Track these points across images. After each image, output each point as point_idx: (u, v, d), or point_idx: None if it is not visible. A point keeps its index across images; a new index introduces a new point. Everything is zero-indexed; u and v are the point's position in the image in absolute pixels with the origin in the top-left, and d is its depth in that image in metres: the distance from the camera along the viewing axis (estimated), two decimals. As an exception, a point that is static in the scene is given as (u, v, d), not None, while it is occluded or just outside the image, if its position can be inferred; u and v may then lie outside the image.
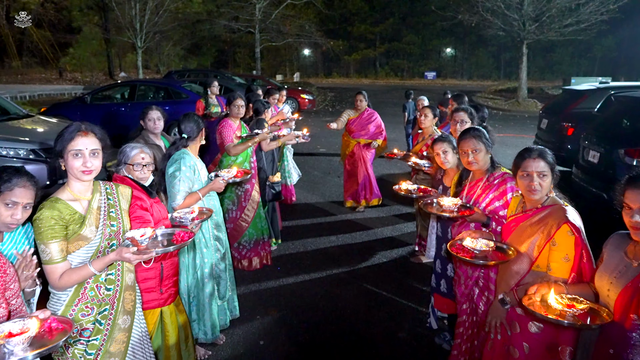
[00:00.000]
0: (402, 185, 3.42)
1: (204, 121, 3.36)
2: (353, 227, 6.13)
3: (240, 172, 3.64)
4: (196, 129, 3.26)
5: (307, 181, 8.31)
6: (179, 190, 3.08)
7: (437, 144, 3.30)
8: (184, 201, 3.10)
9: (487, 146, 2.73)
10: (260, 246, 4.80)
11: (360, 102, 6.52)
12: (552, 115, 9.02)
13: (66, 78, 28.13)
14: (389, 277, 4.74)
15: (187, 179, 3.14)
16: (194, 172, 3.22)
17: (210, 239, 3.43)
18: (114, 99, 11.60)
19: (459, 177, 2.98)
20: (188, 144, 3.25)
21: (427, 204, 2.89)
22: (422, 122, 4.81)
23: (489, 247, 2.26)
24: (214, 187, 3.33)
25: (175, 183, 3.07)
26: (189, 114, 3.30)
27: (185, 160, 3.16)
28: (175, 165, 3.11)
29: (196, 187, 3.23)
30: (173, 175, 3.09)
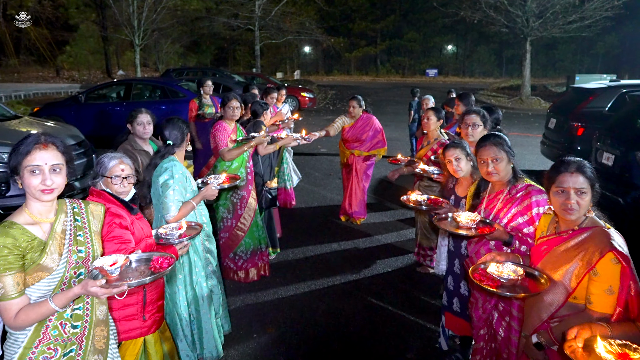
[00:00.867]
0: (410, 196, 3.12)
1: (187, 126, 3.09)
2: (355, 234, 5.84)
3: (228, 178, 3.35)
4: (181, 135, 2.99)
5: (307, 183, 8.02)
6: (174, 200, 2.82)
7: (449, 150, 3.01)
8: (179, 212, 2.82)
9: (509, 155, 2.44)
10: (257, 256, 4.51)
11: (354, 109, 5.81)
12: (560, 115, 8.70)
13: (63, 76, 27.82)
14: (394, 289, 4.46)
15: (181, 187, 2.88)
16: (186, 179, 2.95)
17: (202, 251, 3.15)
18: (109, 98, 11.29)
19: (476, 189, 2.68)
20: (174, 151, 2.98)
21: (440, 219, 2.60)
22: (426, 126, 4.51)
23: (517, 275, 1.97)
24: (207, 194, 3.06)
25: (168, 193, 2.80)
26: (172, 118, 3.03)
27: (177, 167, 2.89)
28: (166, 174, 2.84)
29: (188, 195, 2.97)
30: (165, 184, 2.82)
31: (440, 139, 4.49)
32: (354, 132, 5.88)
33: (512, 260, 2.13)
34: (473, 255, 2.57)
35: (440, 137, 4.52)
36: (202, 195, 3.04)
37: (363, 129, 5.87)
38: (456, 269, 3.09)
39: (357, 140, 5.88)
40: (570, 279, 1.88)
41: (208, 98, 6.79)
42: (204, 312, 3.15)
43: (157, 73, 28.56)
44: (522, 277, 1.98)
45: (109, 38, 27.29)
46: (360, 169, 5.95)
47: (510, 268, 2.02)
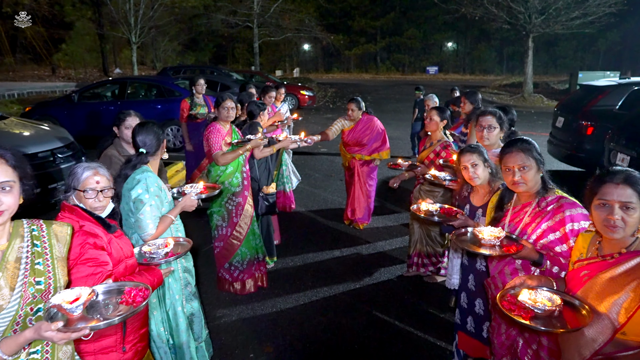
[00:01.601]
0: (421, 205, 2.83)
1: (163, 131, 2.78)
2: (358, 239, 5.56)
3: (205, 187, 3.07)
4: (156, 142, 2.68)
5: (307, 185, 7.73)
6: (151, 217, 2.52)
7: (465, 155, 2.72)
8: (157, 229, 2.54)
9: (538, 162, 2.16)
10: (254, 267, 4.23)
11: (352, 112, 5.48)
12: (568, 113, 8.41)
13: (59, 75, 27.46)
14: (400, 301, 4.18)
15: (158, 201, 2.59)
16: (161, 191, 2.66)
17: (179, 270, 2.86)
18: (103, 98, 10.99)
19: (498, 200, 2.39)
20: (148, 160, 2.66)
21: (459, 235, 2.31)
22: (428, 126, 4.21)
23: (554, 305, 1.68)
24: (186, 205, 2.79)
25: (144, 210, 2.50)
26: (146, 123, 2.72)
27: (152, 179, 2.59)
28: (140, 187, 2.53)
29: (164, 210, 2.67)
30: (140, 200, 2.52)
31: (444, 140, 4.20)
32: (355, 135, 5.58)
33: (545, 285, 1.85)
34: (496, 275, 2.29)
35: (444, 138, 4.23)
36: (180, 207, 2.76)
37: (364, 132, 5.57)
38: (471, 286, 2.81)
39: (358, 143, 5.58)
40: (619, 312, 1.60)
41: (201, 97, 6.49)
42: (184, 338, 2.85)
43: (154, 71, 28.20)
44: (559, 307, 1.69)
45: (105, 36, 26.90)
46: (363, 173, 5.66)
47: (546, 296, 1.74)
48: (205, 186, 3.08)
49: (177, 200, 2.84)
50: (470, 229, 2.35)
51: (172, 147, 10.06)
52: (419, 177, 4.32)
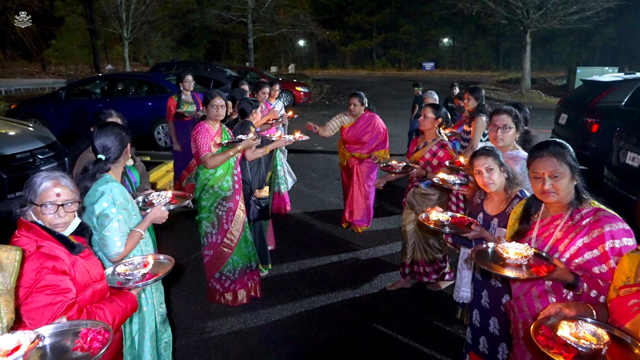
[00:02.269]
0: (431, 215, 2.55)
1: (128, 134, 2.45)
2: (356, 243, 5.28)
3: (173, 197, 2.74)
4: (119, 146, 2.36)
5: (303, 185, 7.44)
6: (119, 234, 2.23)
7: (479, 159, 2.44)
8: (126, 247, 2.25)
9: (573, 169, 1.88)
10: (247, 276, 3.95)
11: (355, 107, 5.23)
12: (572, 110, 8.16)
13: (49, 71, 26.92)
14: (402, 312, 3.90)
15: (126, 215, 2.29)
16: (128, 202, 2.36)
17: (152, 291, 2.57)
18: (91, 95, 10.64)
19: (524, 210, 2.10)
20: (109, 168, 2.34)
21: (479, 252, 2.03)
22: (422, 124, 3.89)
23: (602, 343, 1.41)
24: (156, 217, 2.50)
25: (111, 226, 2.21)
26: (107, 125, 2.39)
27: (117, 190, 2.28)
28: (104, 201, 2.22)
29: (132, 223, 2.38)
30: (104, 215, 2.21)
31: (440, 139, 3.92)
32: (355, 132, 5.31)
33: (585, 315, 1.57)
34: (521, 297, 2.01)
35: (439, 136, 3.94)
36: (149, 219, 2.46)
37: (364, 129, 5.29)
38: (484, 303, 2.54)
39: (358, 142, 5.31)
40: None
41: (188, 95, 6.17)
42: None
43: (147, 67, 27.73)
44: (607, 344, 1.42)
45: (96, 31, 26.40)
46: (362, 173, 5.38)
47: (589, 330, 1.46)
48: (174, 195, 2.77)
49: (145, 212, 2.55)
50: (491, 244, 2.06)
51: (163, 145, 9.77)
52: (413, 179, 3.99)
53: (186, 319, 3.78)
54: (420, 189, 3.94)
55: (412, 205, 4.01)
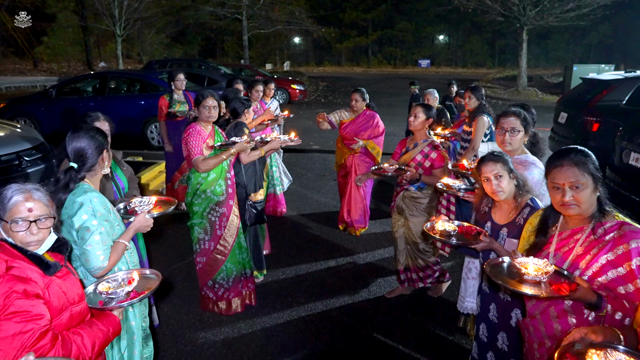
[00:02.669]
0: (436, 224, 2.40)
1: (105, 138, 2.27)
2: (353, 247, 5.14)
3: (157, 203, 2.58)
4: (95, 152, 2.18)
5: (299, 186, 7.29)
6: (102, 247, 2.07)
7: (487, 165, 2.29)
8: (110, 260, 2.09)
9: (595, 180, 1.74)
10: (241, 284, 3.79)
11: (356, 103, 5.13)
12: (572, 108, 8.05)
13: (41, 69, 26.56)
14: (403, 321, 3.76)
15: (108, 226, 2.14)
16: (110, 212, 2.20)
17: (138, 304, 2.42)
18: (82, 93, 10.43)
19: (541, 221, 1.94)
20: (82, 176, 2.16)
21: (494, 266, 1.87)
22: (412, 124, 3.72)
23: None
24: (141, 226, 2.34)
25: (92, 240, 2.05)
26: (79, 130, 2.20)
27: (98, 200, 2.12)
28: (84, 212, 2.06)
29: (115, 235, 2.22)
30: (85, 228, 2.05)
31: (432, 140, 3.74)
32: (353, 127, 5.20)
33: (612, 340, 1.43)
34: (537, 316, 1.86)
35: (430, 137, 3.76)
36: (133, 229, 2.30)
37: (364, 124, 5.19)
38: (492, 317, 2.40)
39: (354, 138, 5.19)
40: None
41: (180, 94, 5.99)
42: None
43: (141, 65, 27.43)
44: None
45: (89, 28, 26.04)
46: (360, 171, 5.21)
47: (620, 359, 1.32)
48: (157, 200, 2.60)
49: (128, 220, 2.38)
50: (506, 258, 1.91)
51: (156, 145, 9.59)
52: (402, 182, 3.78)
53: (178, 328, 3.62)
54: (411, 192, 3.77)
55: (401, 210, 3.84)
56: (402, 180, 3.74)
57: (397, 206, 3.90)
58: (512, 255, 1.85)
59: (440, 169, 3.65)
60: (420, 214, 3.77)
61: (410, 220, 3.81)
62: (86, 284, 2.17)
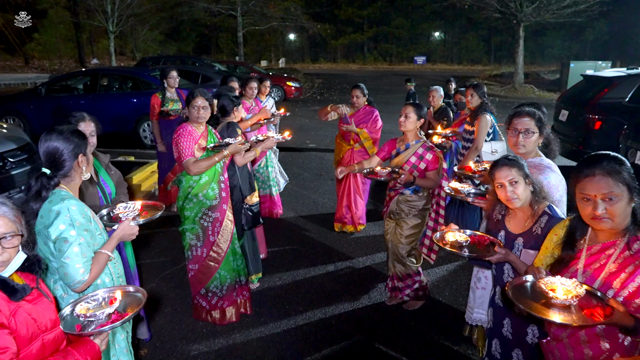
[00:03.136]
0: (447, 235, 2.22)
1: (83, 139, 2.07)
2: (352, 250, 4.97)
3: (142, 208, 2.40)
4: (70, 156, 1.98)
5: (295, 186, 7.10)
6: (81, 260, 1.89)
7: (501, 170, 2.11)
8: (91, 273, 1.91)
9: (631, 191, 1.56)
10: (236, 292, 3.61)
11: (357, 99, 5.09)
12: (573, 106, 7.90)
13: (33, 66, 26.15)
14: (406, 329, 3.59)
15: (88, 236, 1.95)
16: (90, 220, 2.01)
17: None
18: (73, 91, 10.18)
19: (567, 233, 1.76)
20: (57, 183, 1.97)
21: (517, 287, 1.69)
22: (402, 125, 3.48)
23: None
24: (125, 235, 2.17)
25: (70, 251, 1.86)
26: (52, 131, 2.00)
27: (77, 208, 1.93)
28: (61, 222, 1.87)
29: (96, 245, 2.04)
30: (63, 239, 1.87)
31: (424, 140, 3.52)
32: (354, 120, 5.15)
33: None
34: (564, 339, 1.67)
35: (423, 138, 3.55)
36: (117, 238, 2.13)
37: (363, 118, 5.15)
38: (506, 333, 2.23)
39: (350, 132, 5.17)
40: None
41: (173, 92, 5.79)
42: None
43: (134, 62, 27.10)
44: None
45: (81, 24, 25.65)
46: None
47: None
48: (143, 205, 2.41)
49: (111, 228, 2.20)
50: (529, 277, 1.73)
51: (149, 144, 9.37)
52: (395, 186, 3.56)
53: (169, 340, 3.44)
54: (406, 196, 3.54)
55: (395, 214, 3.61)
56: (395, 184, 3.53)
57: (391, 211, 3.66)
58: (535, 273, 1.67)
59: (434, 171, 3.44)
60: (415, 217, 3.57)
61: (403, 223, 3.59)
62: (66, 299, 2.00)
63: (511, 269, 2.16)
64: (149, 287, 4.15)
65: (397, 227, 3.63)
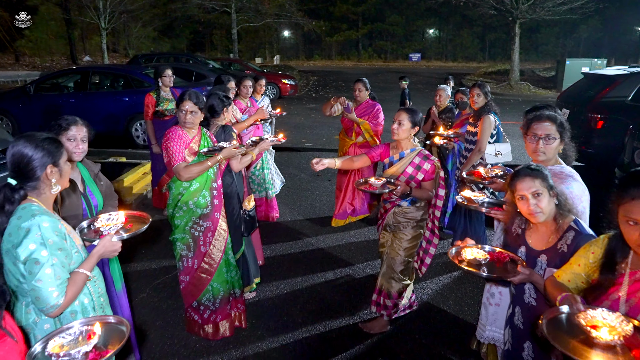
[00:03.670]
0: (464, 253, 2.02)
1: (57, 147, 1.85)
2: (352, 256, 4.78)
3: (127, 219, 2.21)
4: (39, 166, 1.77)
5: (292, 188, 6.90)
6: (54, 281, 1.70)
7: (523, 181, 1.92)
8: (67, 296, 1.71)
9: None
10: (230, 304, 3.41)
11: (360, 93, 5.16)
12: (574, 105, 7.76)
13: (23, 63, 25.69)
14: (411, 343, 3.41)
15: (63, 255, 1.75)
16: (66, 237, 1.81)
17: None
18: (63, 89, 9.89)
19: (606, 254, 1.57)
20: (24, 195, 1.77)
21: (551, 319, 1.49)
22: (396, 133, 3.18)
23: None
24: (106, 252, 1.97)
25: (42, 273, 1.67)
26: (21, 136, 1.79)
27: (49, 225, 1.73)
28: (31, 241, 1.67)
29: (73, 264, 1.83)
30: (33, 260, 1.67)
31: (420, 149, 3.25)
32: (355, 114, 5.15)
33: None
34: None
35: (418, 146, 3.28)
36: (97, 255, 1.93)
37: (364, 111, 5.16)
38: (527, 357, 2.04)
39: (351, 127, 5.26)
40: None
41: (168, 91, 5.57)
42: None
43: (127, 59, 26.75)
44: None
45: (72, 21, 25.25)
46: None
47: None
48: (128, 217, 2.21)
49: (90, 244, 2.00)
50: (565, 308, 1.54)
51: (141, 144, 9.13)
52: (392, 197, 3.29)
53: (160, 357, 3.24)
54: (403, 208, 3.30)
55: (392, 227, 3.37)
56: (391, 196, 3.26)
57: (386, 224, 3.41)
58: (571, 304, 1.48)
59: (430, 182, 3.20)
60: (413, 229, 3.33)
61: (402, 235, 3.34)
62: (39, 324, 1.80)
63: (533, 289, 1.98)
64: (140, 297, 3.95)
65: (394, 240, 3.37)
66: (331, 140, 10.23)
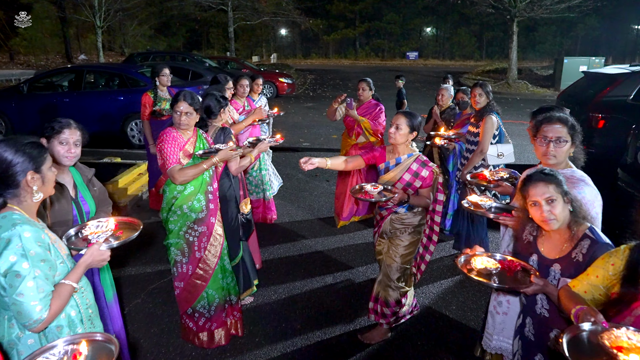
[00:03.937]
0: (474, 262, 1.92)
1: (41, 151, 1.76)
2: (352, 258, 4.69)
3: (118, 226, 2.12)
4: (19, 172, 1.67)
5: (290, 189, 6.79)
6: (37, 295, 1.60)
7: (536, 186, 1.81)
8: (51, 310, 1.60)
9: None
10: (225, 312, 3.30)
11: (363, 92, 5.15)
12: (574, 104, 7.67)
13: (18, 62, 25.43)
14: (413, 349, 3.32)
15: (46, 267, 1.65)
16: (49, 248, 1.71)
17: None
18: (57, 88, 9.76)
19: (628, 265, 1.47)
20: (4, 203, 1.68)
21: (573, 338, 1.39)
22: (393, 137, 3.04)
23: None
24: (94, 261, 1.87)
25: (24, 287, 1.57)
26: (3, 140, 1.69)
27: (31, 236, 1.63)
28: (11, 253, 1.58)
29: (58, 275, 1.73)
30: (14, 273, 1.57)
31: (418, 154, 3.11)
32: (357, 113, 5.10)
33: None
34: None
35: (415, 151, 3.14)
36: (83, 266, 1.83)
37: (367, 110, 5.13)
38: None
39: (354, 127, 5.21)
40: None
41: (165, 90, 5.45)
42: None
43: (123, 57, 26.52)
44: None
45: (67, 19, 25.02)
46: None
47: None
48: (118, 223, 2.10)
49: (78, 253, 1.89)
50: (586, 326, 1.44)
51: (137, 143, 9.00)
52: (389, 204, 3.15)
53: (154, 365, 3.14)
54: (400, 215, 3.18)
55: (389, 235, 3.26)
56: (385, 203, 3.14)
57: (383, 231, 3.29)
58: (595, 319, 1.38)
59: (428, 188, 3.08)
60: (410, 235, 3.21)
61: (399, 241, 3.22)
62: (23, 340, 1.69)
63: (545, 299, 1.89)
64: (134, 303, 3.84)
65: (390, 246, 3.26)
66: (329, 139, 10.13)
